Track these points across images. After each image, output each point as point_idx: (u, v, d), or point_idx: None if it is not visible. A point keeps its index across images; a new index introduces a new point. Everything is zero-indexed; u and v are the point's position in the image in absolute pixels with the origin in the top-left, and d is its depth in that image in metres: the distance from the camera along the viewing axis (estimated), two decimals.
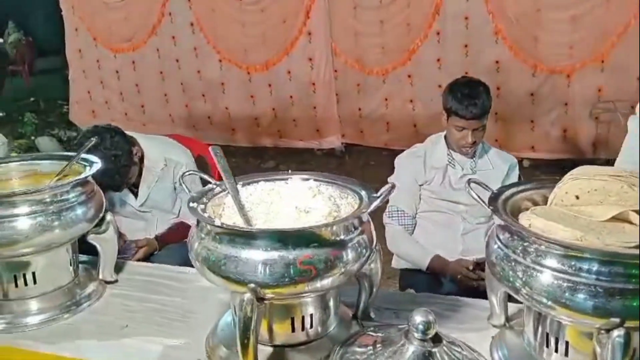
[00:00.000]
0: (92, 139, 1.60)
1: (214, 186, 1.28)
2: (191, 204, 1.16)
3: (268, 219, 1.21)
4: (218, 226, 1.06)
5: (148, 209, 2.45)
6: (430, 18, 5.29)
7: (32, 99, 8.85)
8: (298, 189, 1.23)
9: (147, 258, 2.40)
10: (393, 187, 1.10)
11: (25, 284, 1.36)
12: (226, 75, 6.15)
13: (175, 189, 2.47)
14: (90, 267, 1.55)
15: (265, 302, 1.05)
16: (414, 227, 2.26)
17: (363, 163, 5.67)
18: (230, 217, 1.21)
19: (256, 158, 6.02)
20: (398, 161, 2.31)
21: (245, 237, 1.04)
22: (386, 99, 5.71)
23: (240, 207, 1.20)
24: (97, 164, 1.44)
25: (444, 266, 2.09)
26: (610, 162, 5.81)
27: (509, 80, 5.17)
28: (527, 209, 1.11)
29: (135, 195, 2.42)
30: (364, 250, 1.10)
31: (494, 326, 1.25)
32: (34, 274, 1.36)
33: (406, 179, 2.21)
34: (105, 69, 6.61)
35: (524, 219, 1.04)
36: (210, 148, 1.37)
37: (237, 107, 6.22)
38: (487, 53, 5.21)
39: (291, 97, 6.00)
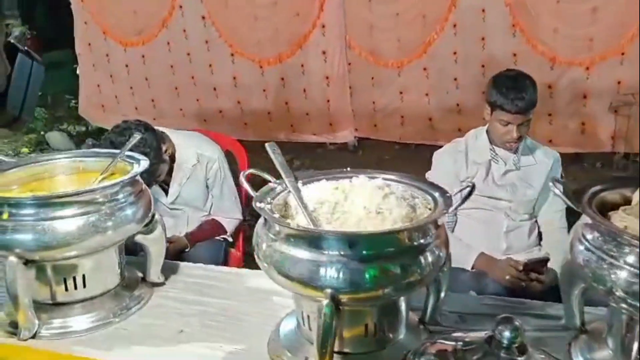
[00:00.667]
0: (136, 135, 1.54)
1: (275, 185, 1.22)
2: (258, 204, 1.11)
3: (333, 220, 1.16)
4: (295, 228, 1.01)
5: (179, 206, 2.40)
6: (447, 10, 5.21)
7: (39, 93, 8.76)
8: (365, 188, 1.17)
9: (176, 256, 2.35)
10: (473, 187, 1.05)
11: (75, 287, 1.31)
12: (238, 69, 6.06)
13: (207, 185, 2.42)
14: (134, 269, 1.50)
15: (342, 308, 1.00)
16: (455, 224, 2.21)
17: (377, 157, 5.61)
18: (294, 217, 1.16)
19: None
20: (437, 157, 2.25)
21: (322, 240, 0.99)
22: (401, 93, 5.63)
23: (304, 207, 1.15)
24: (145, 161, 1.39)
25: (492, 265, 2.03)
26: (629, 157, 5.74)
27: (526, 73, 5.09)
28: (612, 209, 1.06)
29: (166, 192, 2.37)
30: (441, 254, 1.05)
31: (568, 329, 1.20)
32: (83, 276, 1.31)
33: (447, 175, 2.15)
34: (115, 63, 6.52)
35: (617, 220, 0.98)
36: (267, 145, 1.32)
37: (249, 101, 6.13)
38: (504, 46, 5.12)
39: (304, 90, 5.91)
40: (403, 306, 1.13)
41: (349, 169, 1.31)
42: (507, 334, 0.94)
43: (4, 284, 1.39)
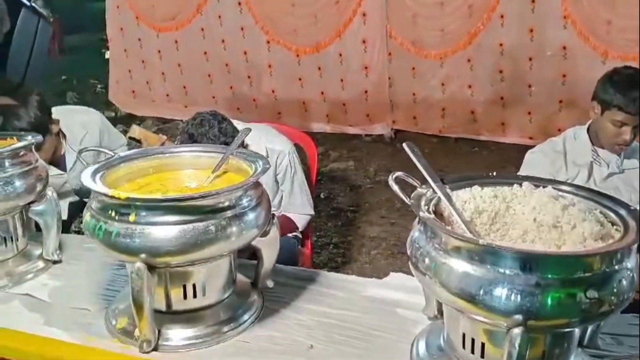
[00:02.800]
0: (247, 129, 1.43)
1: (424, 191, 1.11)
2: (422, 214, 0.99)
3: (492, 232, 1.05)
4: (488, 245, 0.89)
5: None
6: (494, 0, 5.05)
7: (63, 77, 8.68)
8: (533, 196, 1.05)
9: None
10: None
11: (194, 295, 1.20)
12: (274, 57, 5.94)
13: (276, 180, 2.31)
14: (239, 273, 1.40)
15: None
16: None
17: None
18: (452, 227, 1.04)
19: None
20: (531, 157, 2.13)
21: (517, 259, 0.87)
22: (443, 84, 5.49)
23: (462, 217, 1.04)
24: (264, 161, 1.28)
25: None
26: None
27: (576, 67, 4.93)
28: None
29: None
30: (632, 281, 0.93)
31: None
32: (203, 284, 1.21)
33: (543, 176, 2.02)
34: (147, 48, 6.42)
35: None
36: (405, 145, 1.20)
37: (284, 90, 6.02)
38: (554, 38, 4.97)
39: (342, 80, 5.79)
40: (577, 333, 1.01)
41: (494, 173, 1.19)
42: None
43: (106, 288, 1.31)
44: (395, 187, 1.09)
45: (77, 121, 2.43)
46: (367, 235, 3.78)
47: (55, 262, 1.51)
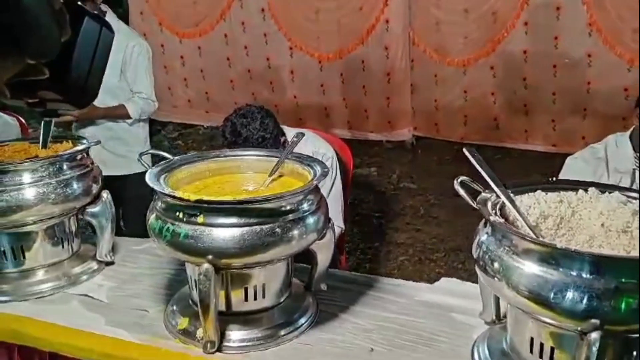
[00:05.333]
0: (300, 133, 1.44)
1: (488, 195, 1.12)
2: (493, 218, 1.00)
3: (557, 237, 1.06)
4: (566, 249, 0.90)
5: None
6: (519, 7, 5.05)
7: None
8: (600, 202, 1.06)
9: None
10: None
11: (255, 297, 1.22)
12: (296, 63, 5.98)
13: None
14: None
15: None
16: None
17: (438, 158, 5.46)
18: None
19: None
20: (572, 163, 2.13)
21: (599, 265, 0.88)
22: (465, 91, 5.49)
23: (525, 220, 1.04)
24: (322, 165, 1.29)
25: None
26: None
27: (601, 75, 4.92)
28: None
29: None
30: None
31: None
32: (264, 286, 1.22)
33: None
34: (170, 54, 6.48)
35: None
36: (465, 150, 1.21)
37: (306, 96, 6.05)
38: (578, 45, 4.96)
39: (364, 87, 5.81)
40: None
41: (554, 179, 1.19)
42: None
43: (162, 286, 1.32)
44: (462, 191, 1.10)
45: None
46: (393, 241, 3.79)
47: (108, 264, 1.53)
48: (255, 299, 1.22)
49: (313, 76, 5.94)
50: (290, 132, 2.24)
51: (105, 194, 1.50)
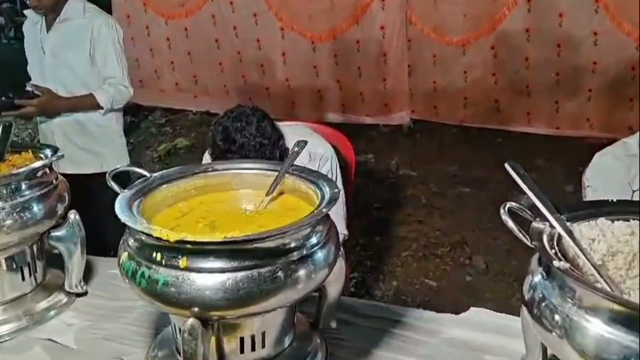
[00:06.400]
0: (301, 142, 1.22)
1: (541, 225, 0.90)
2: (557, 264, 0.79)
3: (629, 278, 0.85)
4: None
5: None
6: None
7: None
8: None
9: None
10: None
11: (253, 347, 1.00)
12: (287, 45, 5.71)
13: None
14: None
15: None
16: None
17: (437, 142, 5.24)
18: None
19: None
20: (602, 160, 1.90)
21: None
22: (465, 72, 5.26)
23: (589, 260, 0.84)
24: (330, 184, 1.07)
25: None
26: None
27: (607, 54, 4.70)
28: None
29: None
30: None
31: None
32: (263, 335, 1.01)
33: (617, 184, 1.81)
34: (155, 36, 6.19)
35: None
36: (507, 165, 0.99)
37: (298, 78, 5.80)
38: (584, 23, 4.73)
39: (359, 68, 5.57)
40: None
41: (614, 200, 0.98)
42: None
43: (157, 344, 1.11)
44: (511, 224, 0.88)
45: None
46: (394, 235, 3.59)
47: (79, 295, 1.31)
48: (252, 349, 1.01)
49: (305, 58, 5.69)
50: (284, 129, 2.01)
51: (73, 215, 1.28)
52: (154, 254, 0.90)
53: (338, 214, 2.12)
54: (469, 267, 3.20)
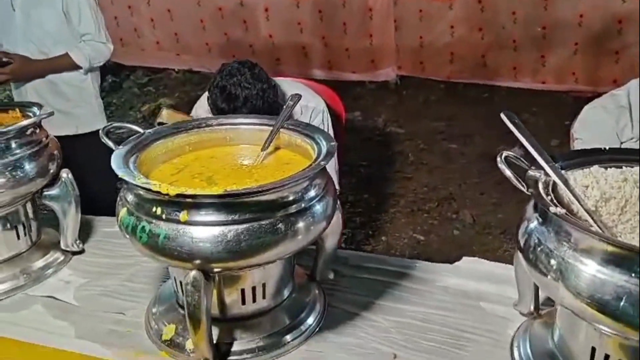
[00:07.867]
0: (296, 95, 1.21)
1: (536, 173, 0.92)
2: (554, 210, 0.80)
3: (621, 223, 0.87)
4: None
5: None
6: None
7: None
8: None
9: None
10: None
11: (254, 299, 1.02)
12: (271, 0, 5.59)
13: None
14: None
15: None
16: None
17: (424, 98, 5.23)
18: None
19: None
20: (591, 112, 1.91)
21: None
22: (452, 27, 5.20)
23: (582, 205, 0.86)
24: (326, 137, 1.07)
25: None
26: None
27: (595, 7, 4.66)
28: None
29: None
30: None
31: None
32: (263, 286, 1.02)
33: (605, 135, 1.83)
34: None
35: None
36: (503, 115, 1.00)
37: (282, 35, 5.70)
38: None
39: (344, 24, 5.48)
40: None
41: (607, 148, 0.99)
42: None
43: (152, 294, 1.12)
44: (508, 172, 0.89)
45: None
46: (382, 192, 3.61)
47: (75, 253, 1.32)
48: (254, 301, 1.02)
49: (289, 14, 5.57)
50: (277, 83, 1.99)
51: (65, 173, 1.27)
52: (154, 209, 0.90)
53: (331, 169, 2.13)
54: (457, 221, 3.24)
